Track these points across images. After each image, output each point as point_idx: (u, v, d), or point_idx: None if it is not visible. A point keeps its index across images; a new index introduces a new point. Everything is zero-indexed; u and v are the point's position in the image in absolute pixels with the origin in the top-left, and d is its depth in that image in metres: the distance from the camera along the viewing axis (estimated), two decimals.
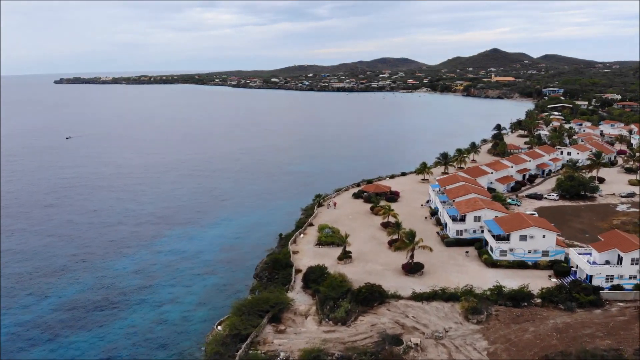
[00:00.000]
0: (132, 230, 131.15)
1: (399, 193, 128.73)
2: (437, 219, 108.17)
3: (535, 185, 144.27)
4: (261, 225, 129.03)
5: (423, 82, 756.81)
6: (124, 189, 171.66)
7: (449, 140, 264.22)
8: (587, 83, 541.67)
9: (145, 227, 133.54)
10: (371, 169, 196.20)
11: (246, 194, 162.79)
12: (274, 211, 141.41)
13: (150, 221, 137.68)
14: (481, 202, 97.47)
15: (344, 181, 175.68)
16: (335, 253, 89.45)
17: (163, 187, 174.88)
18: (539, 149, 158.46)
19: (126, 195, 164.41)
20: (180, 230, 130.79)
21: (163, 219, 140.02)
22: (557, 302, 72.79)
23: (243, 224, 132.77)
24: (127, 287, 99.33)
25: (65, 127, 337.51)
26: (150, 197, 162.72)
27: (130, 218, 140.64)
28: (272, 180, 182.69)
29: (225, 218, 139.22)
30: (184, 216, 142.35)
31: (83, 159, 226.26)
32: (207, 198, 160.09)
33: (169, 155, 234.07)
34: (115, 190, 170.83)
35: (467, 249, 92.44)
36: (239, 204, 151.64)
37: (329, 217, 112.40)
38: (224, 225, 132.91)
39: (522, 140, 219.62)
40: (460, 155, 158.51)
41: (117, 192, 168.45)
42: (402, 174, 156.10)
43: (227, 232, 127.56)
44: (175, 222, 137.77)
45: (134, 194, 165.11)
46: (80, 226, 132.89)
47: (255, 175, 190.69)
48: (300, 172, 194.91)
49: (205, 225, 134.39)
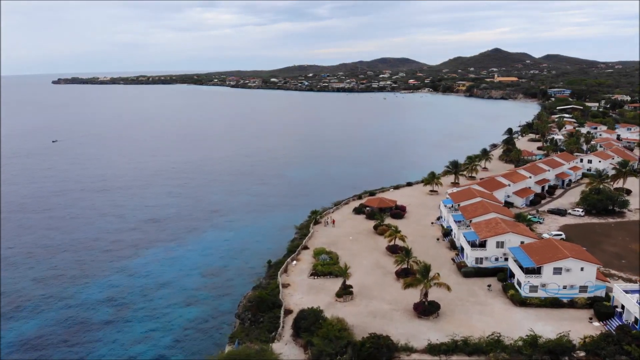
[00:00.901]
0: (108, 248, 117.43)
1: (405, 208, 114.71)
2: (451, 242, 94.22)
3: (555, 197, 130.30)
4: (251, 244, 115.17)
5: (424, 83, 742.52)
6: (105, 199, 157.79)
7: (455, 143, 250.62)
8: (593, 83, 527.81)
9: (123, 244, 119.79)
10: (373, 175, 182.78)
11: (237, 205, 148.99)
12: (266, 227, 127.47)
13: (129, 237, 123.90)
14: (504, 224, 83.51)
15: (343, 189, 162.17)
16: (333, 286, 75.62)
17: (148, 196, 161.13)
18: (557, 157, 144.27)
19: (107, 206, 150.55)
20: (162, 248, 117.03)
21: (144, 235, 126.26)
22: (605, 357, 59.05)
23: (231, 242, 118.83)
24: (94, 320, 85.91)
25: (53, 129, 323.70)
26: (133, 208, 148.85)
27: (108, 233, 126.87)
28: (266, 188, 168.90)
29: (212, 234, 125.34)
30: (168, 231, 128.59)
31: (66, 164, 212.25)
32: (194, 209, 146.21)
33: (159, 159, 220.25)
34: (95, 200, 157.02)
35: (488, 281, 78.53)
36: (228, 217, 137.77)
37: (326, 238, 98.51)
38: (210, 244, 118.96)
39: (534, 145, 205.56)
40: (471, 163, 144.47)
41: (97, 202, 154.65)
42: (407, 184, 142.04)
43: (213, 252, 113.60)
44: (157, 238, 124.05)
45: (116, 205, 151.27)
46: (51, 243, 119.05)
47: (249, 182, 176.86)
48: (297, 179, 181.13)
49: (190, 242, 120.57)
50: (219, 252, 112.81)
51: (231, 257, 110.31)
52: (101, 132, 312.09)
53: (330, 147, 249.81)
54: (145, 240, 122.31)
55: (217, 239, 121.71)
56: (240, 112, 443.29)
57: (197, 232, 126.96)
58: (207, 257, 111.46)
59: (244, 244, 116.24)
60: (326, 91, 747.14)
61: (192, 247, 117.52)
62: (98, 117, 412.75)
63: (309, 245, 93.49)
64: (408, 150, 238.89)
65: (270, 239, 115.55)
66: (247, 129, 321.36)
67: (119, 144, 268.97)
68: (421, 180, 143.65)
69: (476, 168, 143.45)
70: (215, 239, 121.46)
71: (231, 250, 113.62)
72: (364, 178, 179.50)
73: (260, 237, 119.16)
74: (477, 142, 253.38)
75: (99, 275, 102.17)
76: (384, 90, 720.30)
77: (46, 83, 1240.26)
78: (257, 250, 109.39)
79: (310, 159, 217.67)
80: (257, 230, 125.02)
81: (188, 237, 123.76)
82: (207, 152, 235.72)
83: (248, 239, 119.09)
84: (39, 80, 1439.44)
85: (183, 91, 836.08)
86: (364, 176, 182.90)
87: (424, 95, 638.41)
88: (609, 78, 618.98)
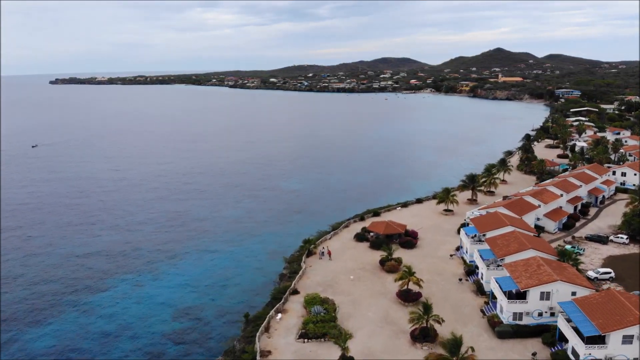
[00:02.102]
0: (67, 282, 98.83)
1: (417, 234, 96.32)
2: (477, 283, 75.80)
3: (589, 218, 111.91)
4: (233, 277, 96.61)
5: (426, 83, 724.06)
6: (77, 215, 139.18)
7: (464, 148, 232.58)
8: (602, 84, 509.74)
9: (85, 273, 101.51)
10: (377, 186, 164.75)
11: (222, 223, 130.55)
12: (253, 252, 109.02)
13: (94, 266, 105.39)
14: (547, 266, 65.20)
15: (343, 204, 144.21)
16: (329, 354, 57.41)
17: (125, 211, 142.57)
18: (588, 169, 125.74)
19: (76, 224, 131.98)
20: (129, 281, 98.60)
21: (112, 262, 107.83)
22: None
23: (211, 272, 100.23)
24: None
25: (37, 132, 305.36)
26: (105, 226, 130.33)
27: (70, 261, 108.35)
28: (257, 202, 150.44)
29: (191, 262, 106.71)
30: (139, 258, 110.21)
31: (42, 173, 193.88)
32: (174, 228, 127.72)
33: (144, 166, 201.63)
34: (66, 216, 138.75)
35: (531, 345, 60.23)
36: (211, 239, 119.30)
37: (321, 276, 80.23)
38: (187, 274, 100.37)
39: (552, 152, 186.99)
40: (490, 176, 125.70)
41: (67, 218, 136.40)
42: (417, 201, 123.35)
43: (189, 286, 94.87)
44: (125, 266, 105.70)
45: (86, 223, 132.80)
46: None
47: (238, 194, 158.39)
48: (292, 191, 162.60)
49: (163, 272, 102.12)
50: (196, 287, 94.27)
51: (209, 293, 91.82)
52: (87, 136, 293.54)
53: (329, 152, 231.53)
54: (111, 270, 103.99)
55: (195, 268, 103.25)
56: (235, 114, 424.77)
57: (174, 259, 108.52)
58: (181, 293, 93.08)
59: (225, 277, 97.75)
60: (326, 91, 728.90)
61: (166, 279, 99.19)
62: (86, 119, 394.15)
63: (299, 287, 75.10)
64: (413, 156, 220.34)
65: (256, 271, 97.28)
66: (240, 133, 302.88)
67: (104, 148, 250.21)
68: (432, 195, 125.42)
69: (495, 182, 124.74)
70: (193, 269, 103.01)
71: (210, 285, 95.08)
72: (366, 189, 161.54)
73: (243, 268, 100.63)
74: (487, 147, 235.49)
75: (47, 320, 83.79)
76: (385, 90, 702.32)
77: (43, 83, 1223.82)
78: (240, 285, 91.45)
79: (307, 167, 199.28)
80: (242, 258, 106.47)
81: (162, 266, 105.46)
82: (196, 160, 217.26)
83: (231, 270, 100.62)
84: (37, 81, 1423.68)
85: (179, 92, 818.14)
86: (366, 187, 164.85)
87: (426, 96, 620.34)
88: (616, 78, 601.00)
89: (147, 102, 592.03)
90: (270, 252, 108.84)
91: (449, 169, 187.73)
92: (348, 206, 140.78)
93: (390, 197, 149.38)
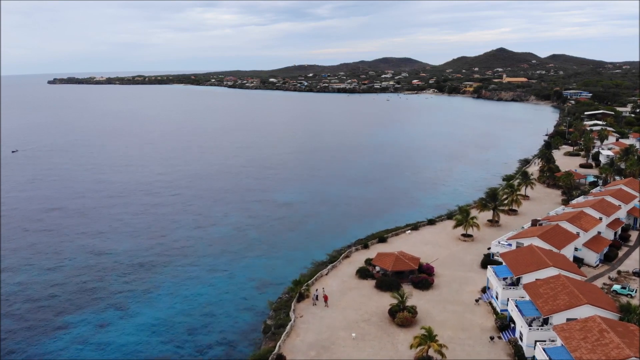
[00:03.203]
0: (18, 323, 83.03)
1: (433, 269, 79.68)
2: (513, 344, 59.20)
3: (632, 245, 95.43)
4: (207, 321, 79.90)
5: (429, 83, 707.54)
6: (43, 236, 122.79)
7: (475, 154, 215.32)
8: (611, 85, 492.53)
9: (38, 314, 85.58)
10: (381, 199, 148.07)
11: (203, 245, 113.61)
12: (234, 288, 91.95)
13: (50, 305, 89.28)
14: (615, 336, 48.61)
15: (343, 221, 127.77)
16: None
17: (96, 229, 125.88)
18: (625, 186, 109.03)
19: (39, 246, 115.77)
20: (89, 322, 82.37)
21: (71, 298, 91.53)
22: None
23: (183, 314, 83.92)
24: None
25: (20, 136, 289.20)
26: (72, 250, 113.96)
27: (27, 293, 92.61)
28: (246, 217, 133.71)
29: (161, 299, 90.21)
30: (105, 289, 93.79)
31: (17, 182, 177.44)
32: (149, 252, 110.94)
33: (125, 175, 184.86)
34: (33, 234, 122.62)
35: None
36: (188, 265, 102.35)
37: (315, 334, 63.46)
38: (154, 315, 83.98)
39: (573, 161, 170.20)
40: (512, 193, 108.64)
41: (34, 237, 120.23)
42: (429, 222, 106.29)
43: (153, 333, 78.73)
44: (87, 302, 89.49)
45: (50, 244, 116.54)
46: None
47: (226, 208, 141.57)
48: (286, 204, 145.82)
49: (129, 311, 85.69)
50: (162, 335, 78.01)
51: (178, 341, 75.71)
52: (73, 140, 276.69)
53: (327, 159, 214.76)
54: (71, 307, 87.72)
55: (164, 308, 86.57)
56: (229, 115, 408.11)
57: (142, 294, 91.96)
58: (145, 340, 77.01)
59: (201, 319, 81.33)
60: (326, 92, 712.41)
61: (130, 321, 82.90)
62: (75, 120, 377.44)
63: (285, 351, 58.47)
64: (420, 163, 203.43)
65: (238, 312, 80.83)
66: (233, 136, 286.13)
67: (88, 154, 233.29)
68: (446, 215, 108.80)
69: (518, 199, 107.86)
70: (161, 309, 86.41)
71: (182, 330, 78.86)
72: (369, 203, 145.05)
73: (226, 305, 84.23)
74: (499, 153, 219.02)
75: None
76: (386, 91, 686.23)
77: (42, 83, 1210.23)
78: (216, 331, 75.10)
79: (303, 176, 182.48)
80: (223, 292, 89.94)
81: (128, 302, 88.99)
82: (182, 168, 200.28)
83: (208, 308, 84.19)
84: (36, 80, 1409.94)
85: (177, 92, 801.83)
86: (369, 200, 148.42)
87: (429, 97, 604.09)
88: (623, 79, 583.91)
89: (140, 103, 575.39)
90: (258, 284, 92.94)
91: (460, 179, 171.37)
92: (348, 225, 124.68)
93: (396, 213, 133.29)
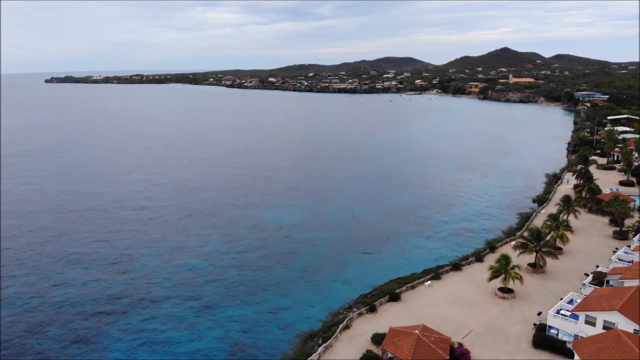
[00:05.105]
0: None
1: (469, 355, 57.92)
2: None
3: None
4: None
5: (432, 83, 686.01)
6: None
7: (490, 163, 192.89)
8: (623, 86, 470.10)
9: None
10: (387, 223, 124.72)
11: (170, 286, 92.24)
12: (202, 354, 71.78)
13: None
14: None
15: (343, 253, 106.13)
16: None
17: (55, 257, 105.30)
18: None
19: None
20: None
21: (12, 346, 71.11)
22: None
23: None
24: None
25: (6, 139, 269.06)
26: (22, 283, 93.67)
27: None
28: (227, 244, 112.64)
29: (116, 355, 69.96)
30: (51, 340, 73.71)
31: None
32: (97, 294, 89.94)
33: (106, 185, 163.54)
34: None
35: None
36: (143, 321, 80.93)
37: None
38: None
39: (610, 176, 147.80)
40: (558, 229, 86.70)
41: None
42: (454, 268, 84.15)
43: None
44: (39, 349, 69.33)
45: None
46: None
47: (205, 234, 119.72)
48: (276, 228, 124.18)
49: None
50: None
51: None
52: (60, 143, 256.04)
53: (325, 170, 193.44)
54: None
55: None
56: (225, 117, 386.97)
57: (93, 346, 71.64)
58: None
59: None
60: (327, 92, 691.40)
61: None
62: (64, 121, 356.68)
63: None
64: (430, 173, 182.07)
65: None
66: (225, 140, 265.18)
67: (70, 160, 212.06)
68: (474, 257, 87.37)
69: (564, 236, 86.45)
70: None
71: None
72: (372, 227, 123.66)
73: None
74: (517, 162, 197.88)
75: None
76: (389, 91, 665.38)
77: (39, 82, 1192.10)
78: None
79: (298, 190, 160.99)
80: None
81: None
82: (166, 177, 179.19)
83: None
84: (33, 79, 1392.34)
85: (174, 92, 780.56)
86: (372, 222, 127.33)
87: (433, 97, 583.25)
88: (634, 79, 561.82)
89: (133, 103, 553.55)
90: (232, 349, 72.10)
91: (478, 195, 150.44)
92: (348, 257, 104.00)
93: (405, 242, 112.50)
